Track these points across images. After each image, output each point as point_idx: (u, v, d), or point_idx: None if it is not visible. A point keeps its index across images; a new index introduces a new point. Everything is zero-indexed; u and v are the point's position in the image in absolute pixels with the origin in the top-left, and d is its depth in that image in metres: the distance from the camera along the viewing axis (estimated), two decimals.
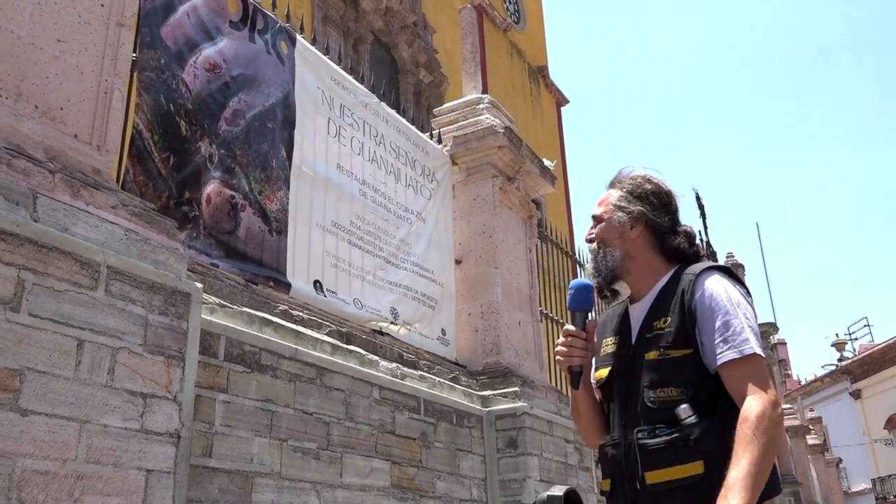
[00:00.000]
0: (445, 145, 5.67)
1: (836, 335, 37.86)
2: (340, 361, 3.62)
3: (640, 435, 1.72)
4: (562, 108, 27.25)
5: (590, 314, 1.95)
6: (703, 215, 16.42)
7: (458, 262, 5.51)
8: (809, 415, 29.27)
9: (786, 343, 38.04)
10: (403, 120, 5.30)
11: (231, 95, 3.78)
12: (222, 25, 3.83)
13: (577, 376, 1.87)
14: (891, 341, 30.87)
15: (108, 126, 2.55)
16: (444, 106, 6.23)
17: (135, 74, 3.23)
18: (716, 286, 1.75)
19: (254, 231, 3.77)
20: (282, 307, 3.64)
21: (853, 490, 33.96)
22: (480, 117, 5.69)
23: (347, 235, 4.45)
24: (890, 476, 31.31)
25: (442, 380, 4.56)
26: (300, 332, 3.51)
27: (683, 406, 1.68)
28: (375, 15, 16.51)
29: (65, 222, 2.26)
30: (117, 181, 2.92)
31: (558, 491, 4.46)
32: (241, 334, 3.07)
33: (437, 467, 4.15)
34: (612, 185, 2.00)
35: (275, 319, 3.41)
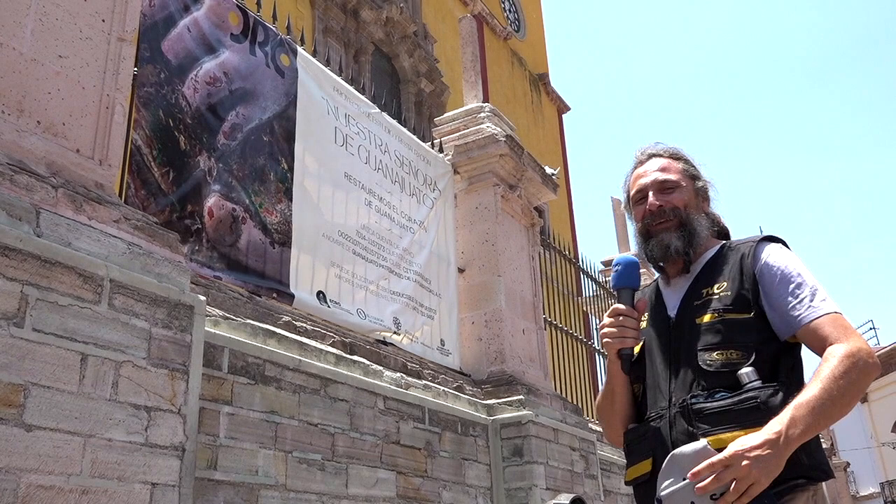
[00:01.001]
0: (447, 154, 5.68)
1: None
2: (344, 372, 3.62)
3: (693, 399, 1.60)
4: (563, 116, 27.30)
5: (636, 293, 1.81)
6: None
7: (460, 270, 5.51)
8: None
9: None
10: (405, 129, 5.31)
11: (229, 109, 3.80)
12: (223, 38, 3.85)
13: (627, 359, 1.73)
14: None
15: (110, 140, 2.56)
16: (446, 115, 6.24)
17: (134, 90, 3.24)
18: (781, 253, 1.73)
19: (255, 243, 3.78)
20: (285, 318, 3.64)
21: (861, 494, 33.78)
22: (481, 126, 5.70)
23: (353, 245, 4.45)
24: None
25: (446, 389, 4.56)
26: (304, 343, 3.52)
27: (747, 370, 1.59)
28: (376, 25, 16.58)
29: (68, 237, 2.26)
30: (120, 195, 2.93)
31: (564, 499, 4.45)
32: (245, 346, 3.08)
33: (442, 477, 4.14)
34: (659, 155, 1.90)
35: (278, 331, 3.41)
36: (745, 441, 1.43)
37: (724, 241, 1.85)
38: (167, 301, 2.51)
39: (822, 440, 1.72)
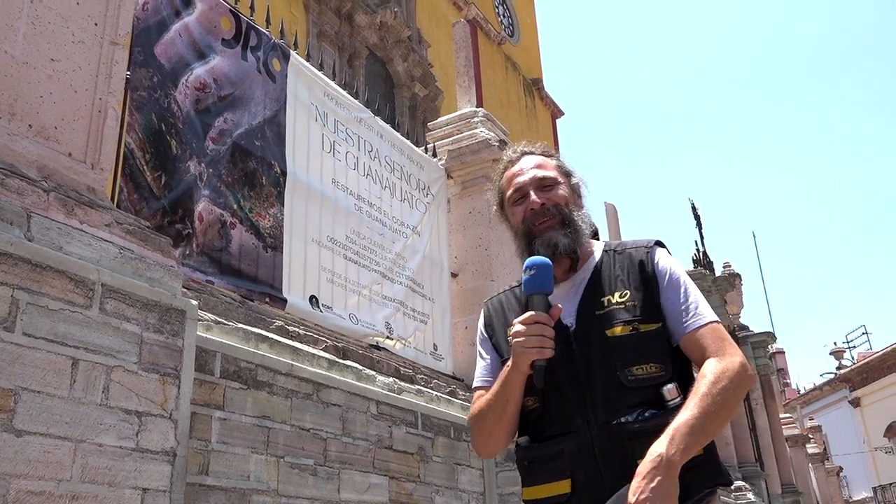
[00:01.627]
0: (440, 159, 5.69)
1: (835, 343, 37.89)
2: (337, 377, 3.61)
3: (624, 419, 1.54)
4: (557, 121, 27.35)
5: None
6: (699, 225, 16.49)
7: (454, 275, 5.51)
8: (809, 423, 29.25)
9: (784, 352, 38.05)
10: (398, 134, 5.32)
11: (217, 115, 3.79)
12: (214, 44, 3.84)
13: (542, 371, 1.56)
14: (889, 349, 30.88)
15: (102, 144, 2.55)
16: (439, 120, 6.25)
17: (127, 94, 3.24)
18: (671, 260, 1.71)
19: (247, 248, 3.77)
20: (277, 323, 3.64)
21: (854, 499, 33.87)
22: (475, 131, 5.71)
23: (343, 250, 4.45)
24: (891, 484, 31.24)
25: (439, 394, 4.55)
26: (296, 347, 3.51)
27: (669, 386, 1.57)
28: (370, 30, 16.58)
29: (59, 241, 2.26)
30: (112, 200, 2.92)
31: None
32: (237, 351, 3.07)
33: (435, 482, 4.13)
34: (532, 153, 1.84)
35: (271, 335, 3.41)
36: (637, 477, 1.41)
37: (603, 243, 1.80)
38: (159, 305, 2.50)
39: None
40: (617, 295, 1.66)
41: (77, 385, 2.19)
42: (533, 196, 1.74)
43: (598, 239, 1.82)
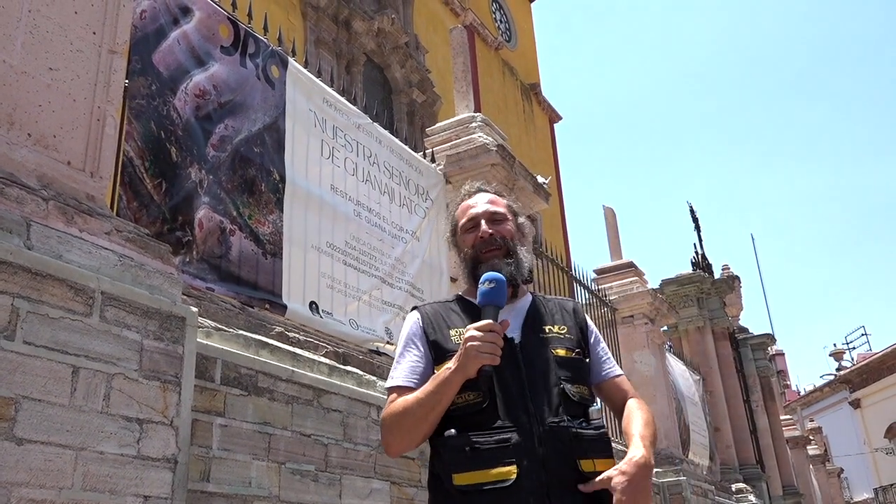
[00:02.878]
0: (439, 164, 5.69)
1: (834, 345, 37.93)
2: (338, 382, 3.61)
3: (568, 424, 1.76)
4: (555, 125, 27.37)
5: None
6: (697, 228, 16.49)
7: (453, 280, 5.51)
8: (809, 425, 29.21)
9: (784, 354, 38.04)
10: (396, 140, 5.32)
11: (218, 122, 3.79)
12: (213, 51, 3.85)
13: (489, 376, 1.73)
14: (889, 350, 30.87)
15: (101, 153, 2.55)
16: (437, 125, 6.26)
17: (125, 102, 3.24)
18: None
19: (247, 254, 3.77)
20: (278, 329, 3.63)
21: (855, 500, 33.82)
22: (473, 136, 5.72)
23: (343, 256, 4.45)
24: (892, 485, 31.20)
25: None
26: (297, 353, 3.51)
27: (596, 407, 1.86)
28: (368, 36, 16.61)
29: (59, 249, 2.26)
30: (111, 208, 2.92)
31: None
32: (238, 357, 3.07)
33: None
34: (486, 191, 2.08)
35: (271, 342, 3.41)
36: (627, 476, 1.67)
37: (530, 293, 2.05)
38: (159, 313, 2.50)
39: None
40: (556, 328, 1.92)
41: (78, 393, 2.18)
42: (484, 226, 1.95)
43: (530, 279, 2.07)
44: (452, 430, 1.77)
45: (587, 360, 1.95)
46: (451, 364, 1.74)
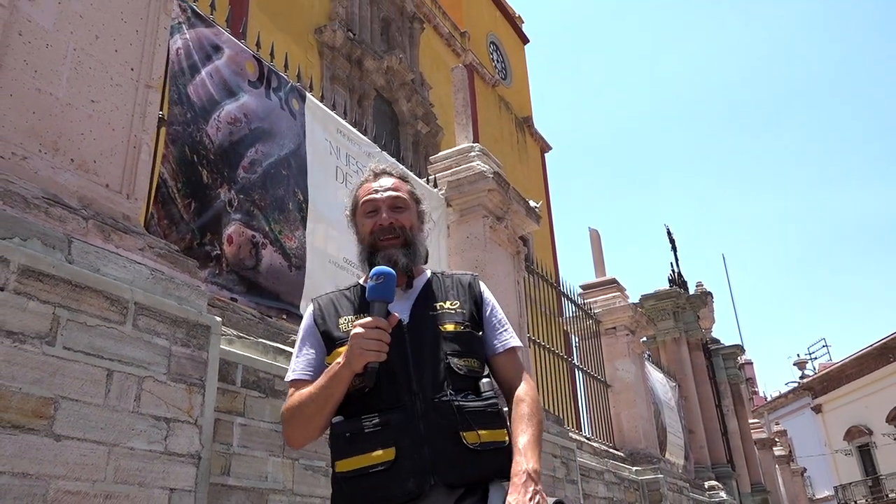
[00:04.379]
0: (440, 189, 5.70)
1: (798, 355, 37.84)
2: None
3: (451, 397, 1.59)
4: (546, 154, 27.45)
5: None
6: (673, 248, 16.48)
7: None
8: (775, 428, 29.08)
9: (752, 363, 37.91)
10: (403, 167, 5.33)
11: (249, 146, 3.81)
12: (242, 83, 3.87)
13: (374, 373, 1.57)
14: (847, 360, 30.79)
15: (136, 177, 2.56)
16: (439, 154, 6.27)
17: (162, 129, 3.25)
18: (488, 290, 1.86)
19: (276, 267, 3.79)
20: (293, 337, 3.62)
21: (818, 497, 33.60)
22: (472, 164, 5.73)
23: (357, 270, 4.45)
24: (850, 483, 31.01)
25: None
26: None
27: (486, 380, 1.68)
28: (378, 73, 16.70)
29: (97, 263, 2.25)
30: (144, 226, 2.92)
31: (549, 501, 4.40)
32: (257, 363, 3.05)
33: None
34: (390, 174, 1.88)
35: (287, 349, 3.39)
36: (516, 491, 1.51)
37: (431, 270, 1.89)
38: (186, 322, 2.49)
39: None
40: (448, 303, 1.75)
41: (111, 394, 2.17)
42: (384, 213, 1.79)
43: (426, 258, 1.89)
44: (340, 417, 1.63)
45: (479, 332, 1.75)
46: (340, 359, 1.59)
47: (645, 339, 11.15)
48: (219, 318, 2.70)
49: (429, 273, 1.85)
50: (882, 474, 29.59)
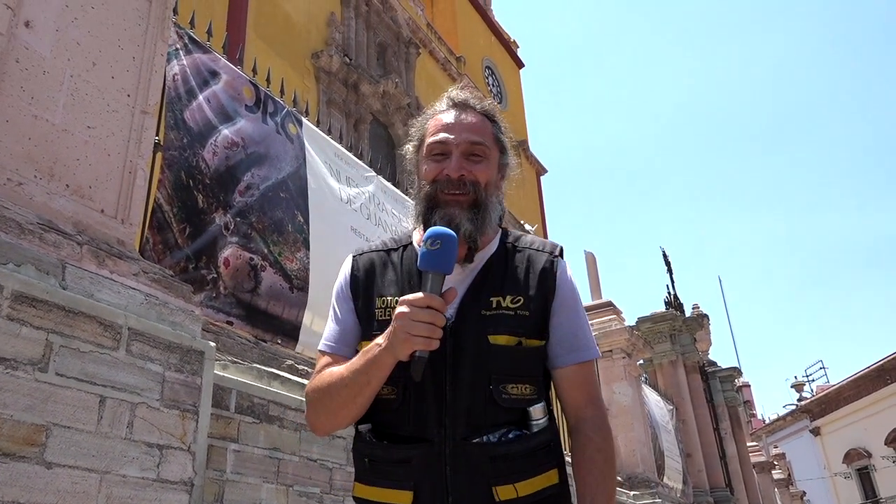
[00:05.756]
0: None
1: (795, 377, 37.76)
2: None
3: (486, 439, 1.28)
4: (541, 177, 27.57)
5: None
6: (670, 270, 16.50)
7: None
8: (774, 451, 28.92)
9: (749, 385, 37.79)
10: (399, 191, 5.36)
11: (245, 170, 3.83)
12: (239, 108, 3.90)
13: (422, 363, 1.22)
14: (845, 382, 30.71)
15: (131, 202, 2.56)
16: None
17: (158, 154, 3.26)
18: (572, 278, 1.43)
19: (276, 288, 3.80)
20: (288, 362, 3.61)
21: None
22: None
23: None
24: None
25: None
26: (305, 384, 3.47)
27: (539, 406, 1.33)
28: (374, 98, 16.81)
29: (91, 289, 2.25)
30: (139, 250, 2.92)
31: None
32: (251, 388, 3.04)
33: None
34: (473, 108, 1.46)
35: (282, 374, 3.38)
36: None
37: (504, 231, 1.47)
38: (180, 347, 2.48)
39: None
40: (509, 298, 1.35)
41: (104, 420, 2.16)
42: (455, 162, 1.38)
43: (501, 225, 1.48)
44: (368, 425, 1.37)
45: (542, 342, 1.36)
46: (381, 340, 1.26)
47: (641, 361, 11.12)
48: (213, 344, 2.68)
49: (496, 242, 1.43)
50: (882, 497, 29.38)
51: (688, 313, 15.22)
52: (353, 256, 1.50)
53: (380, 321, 1.36)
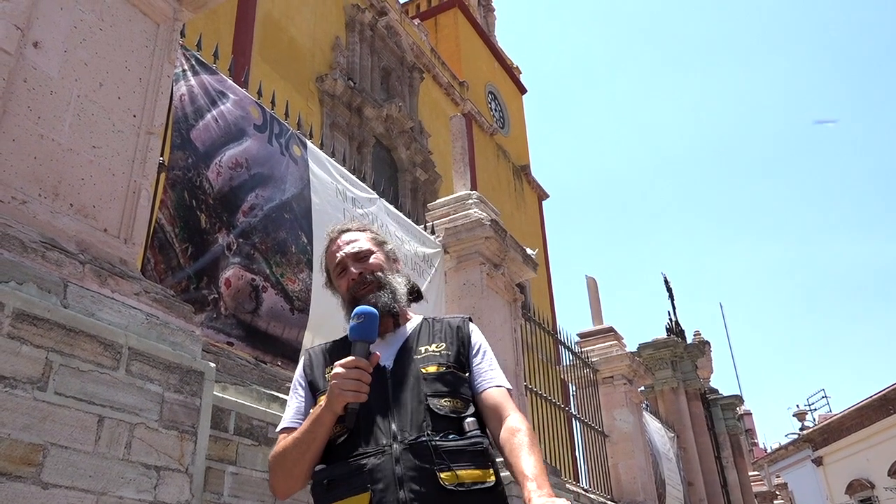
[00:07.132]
0: (438, 236, 5.72)
1: (797, 406, 37.49)
2: None
3: (429, 437, 1.56)
4: (543, 202, 27.64)
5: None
6: (671, 297, 16.47)
7: None
8: (776, 481, 28.63)
9: (751, 414, 37.55)
10: (401, 214, 5.37)
11: (249, 191, 3.84)
12: (247, 128, 3.92)
13: (354, 413, 1.55)
14: (847, 411, 30.47)
15: (135, 221, 2.57)
16: (437, 201, 6.31)
17: (162, 174, 3.27)
18: (480, 333, 1.85)
19: (276, 309, 3.79)
20: (288, 384, 3.59)
21: None
22: (469, 211, 5.76)
23: None
24: None
25: None
26: None
27: (471, 419, 1.64)
28: (377, 121, 16.92)
29: (92, 308, 2.25)
30: (140, 270, 2.92)
31: None
32: (250, 410, 3.02)
33: None
34: (347, 230, 1.94)
35: (281, 395, 3.35)
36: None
37: (422, 316, 1.88)
38: (180, 367, 2.47)
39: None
40: (434, 346, 1.74)
41: (102, 441, 2.14)
42: (351, 268, 1.82)
43: (419, 297, 1.91)
44: (322, 465, 1.62)
45: (466, 373, 1.73)
46: (321, 401, 1.59)
47: (643, 388, 11.06)
48: (213, 364, 2.67)
49: (419, 319, 1.85)
50: None
51: (689, 340, 15.15)
52: (306, 350, 1.90)
53: (326, 388, 1.64)
